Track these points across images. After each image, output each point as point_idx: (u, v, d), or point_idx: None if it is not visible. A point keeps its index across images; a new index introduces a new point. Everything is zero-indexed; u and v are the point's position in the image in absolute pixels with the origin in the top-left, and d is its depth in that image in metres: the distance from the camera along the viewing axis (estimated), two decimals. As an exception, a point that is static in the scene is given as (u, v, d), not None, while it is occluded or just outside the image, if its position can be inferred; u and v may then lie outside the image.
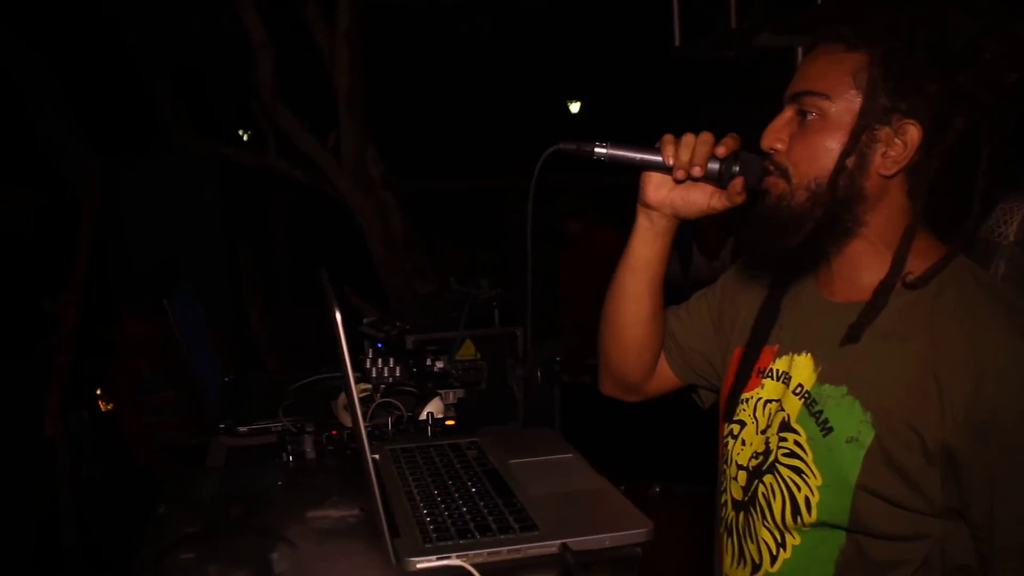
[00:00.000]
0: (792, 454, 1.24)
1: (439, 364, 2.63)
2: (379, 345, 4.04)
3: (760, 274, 1.42)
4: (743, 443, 1.34)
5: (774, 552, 1.26)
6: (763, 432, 1.30)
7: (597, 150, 1.32)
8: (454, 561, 1.12)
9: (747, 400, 1.35)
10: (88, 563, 3.87)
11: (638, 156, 1.32)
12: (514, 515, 1.24)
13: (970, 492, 1.12)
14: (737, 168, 1.28)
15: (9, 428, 3.85)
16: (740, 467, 1.33)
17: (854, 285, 1.24)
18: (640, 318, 1.46)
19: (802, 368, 1.26)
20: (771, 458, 1.27)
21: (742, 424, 1.35)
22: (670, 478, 4.62)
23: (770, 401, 1.31)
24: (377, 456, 1.53)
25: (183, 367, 2.36)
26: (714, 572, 1.45)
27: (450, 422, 1.98)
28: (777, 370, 1.31)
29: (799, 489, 1.22)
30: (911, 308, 1.18)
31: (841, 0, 1.23)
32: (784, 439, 1.25)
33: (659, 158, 1.31)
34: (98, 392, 4.12)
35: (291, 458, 1.76)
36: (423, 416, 2.02)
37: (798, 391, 1.25)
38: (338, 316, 1.08)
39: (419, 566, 1.12)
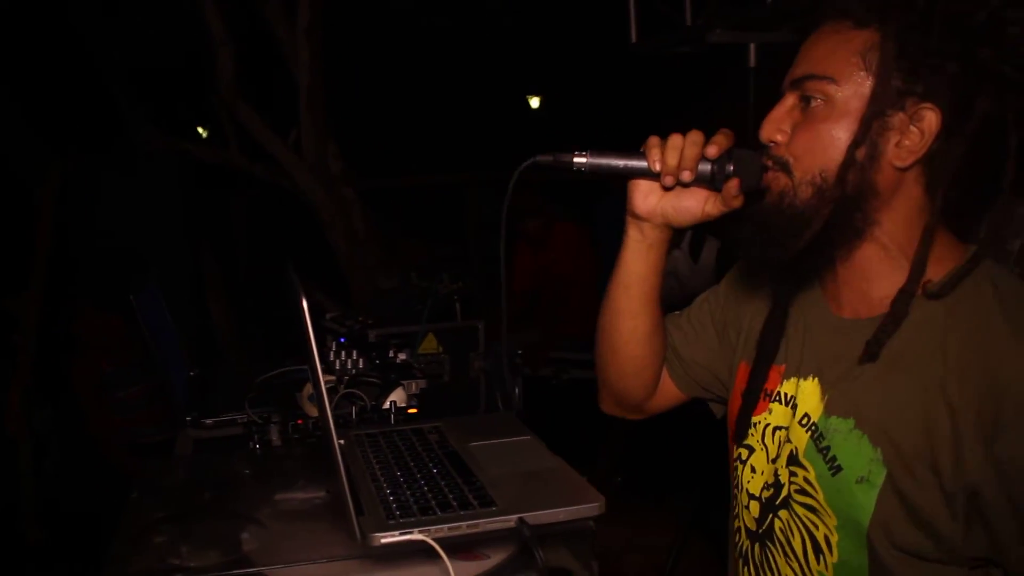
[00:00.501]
0: (803, 491, 1.14)
1: (402, 356, 2.68)
2: (341, 340, 4.09)
3: (762, 282, 1.31)
4: (752, 470, 1.26)
5: None
6: (773, 462, 1.21)
7: (576, 160, 1.19)
8: (416, 536, 1.18)
9: (756, 424, 1.26)
10: (54, 560, 3.87)
11: (622, 163, 1.20)
12: (473, 493, 1.31)
13: (1005, 535, 1.00)
14: (732, 168, 1.15)
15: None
16: (752, 496, 1.25)
17: (864, 298, 1.13)
18: (637, 335, 1.34)
19: (808, 396, 1.16)
20: (783, 493, 1.18)
21: (751, 450, 1.26)
22: (631, 468, 4.73)
23: (779, 428, 1.21)
24: (343, 441, 1.59)
25: (148, 362, 2.39)
26: None
27: (412, 410, 2.04)
28: (784, 394, 1.21)
29: (817, 528, 1.13)
30: (924, 325, 1.06)
31: None
32: (794, 474, 1.16)
33: (645, 164, 1.18)
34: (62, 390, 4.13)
35: (258, 446, 1.82)
36: (386, 405, 2.09)
37: (804, 422, 1.15)
38: (305, 305, 1.14)
39: (383, 541, 1.18)
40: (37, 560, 3.90)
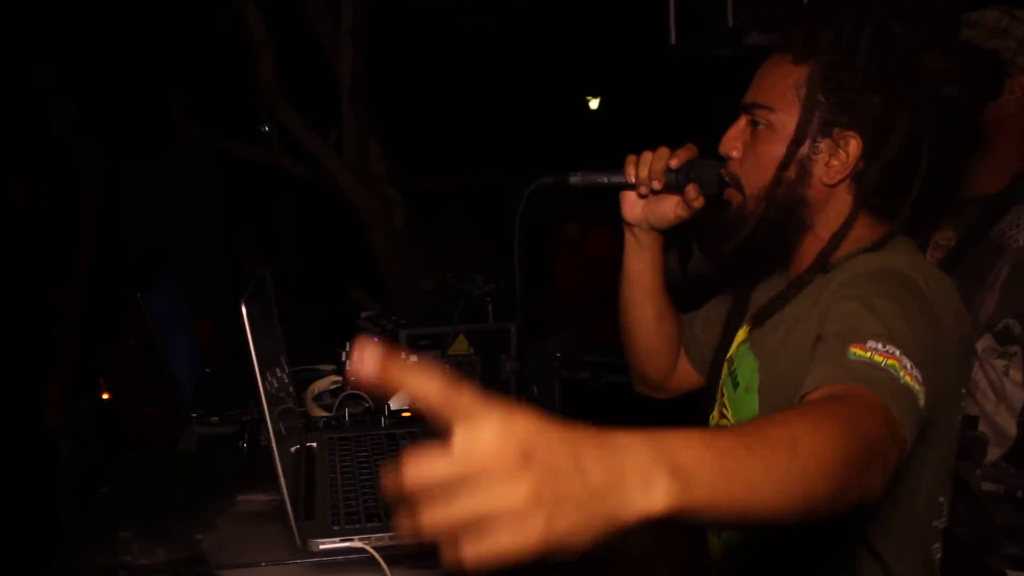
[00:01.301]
0: (724, 416, 1.35)
1: (412, 357, 2.67)
2: (375, 340, 4.11)
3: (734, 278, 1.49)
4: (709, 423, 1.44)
5: None
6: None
7: (572, 179, 1.41)
8: (356, 543, 1.17)
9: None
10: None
11: (606, 179, 1.41)
12: (426, 501, 1.29)
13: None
14: (690, 176, 1.34)
15: (12, 418, 3.94)
16: None
17: (802, 264, 1.29)
18: (646, 322, 1.54)
19: (738, 339, 1.38)
20: (716, 424, 1.38)
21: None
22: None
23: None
24: (315, 444, 1.59)
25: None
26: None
27: (407, 413, 2.03)
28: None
29: None
30: (814, 291, 1.23)
31: (792, 13, 1.25)
32: (722, 405, 1.38)
33: (623, 178, 1.39)
34: (100, 382, 4.22)
35: (245, 445, 1.82)
36: (393, 407, 2.08)
37: (729, 358, 1.37)
38: (244, 311, 1.14)
39: (321, 547, 1.18)
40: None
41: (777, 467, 0.72)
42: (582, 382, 5.10)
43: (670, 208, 1.42)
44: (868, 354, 0.99)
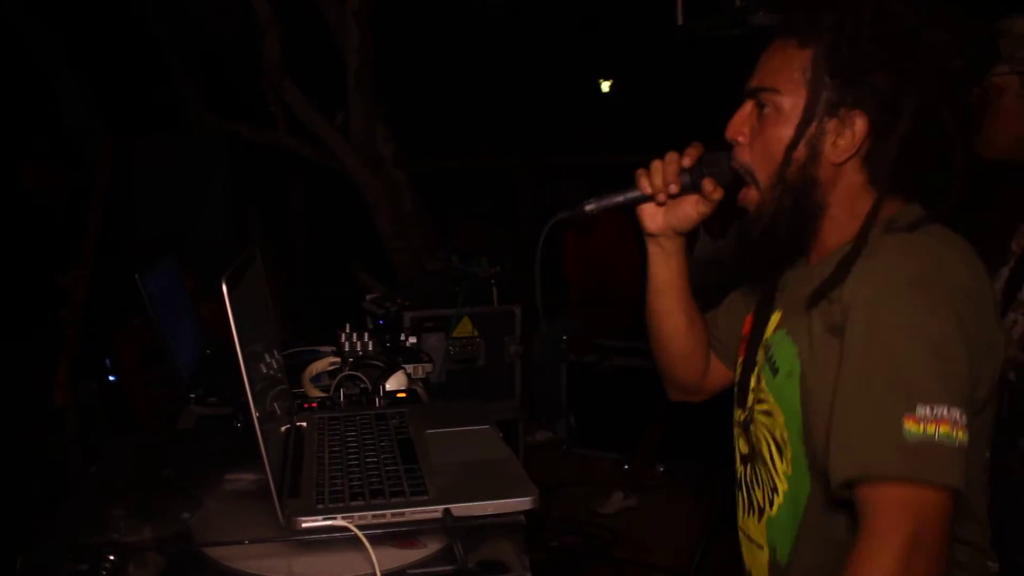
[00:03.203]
0: (760, 400, 1.34)
1: (412, 340, 2.68)
2: (380, 322, 4.12)
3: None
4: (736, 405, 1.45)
5: (771, 496, 1.34)
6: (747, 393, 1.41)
7: (587, 208, 1.44)
8: (339, 522, 1.18)
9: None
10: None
11: (622, 197, 1.44)
12: (410, 481, 1.29)
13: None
14: (704, 171, 1.37)
15: (20, 398, 3.98)
16: (736, 424, 1.44)
17: (824, 247, 1.30)
18: (678, 331, 1.55)
19: (772, 324, 1.36)
20: (749, 409, 1.38)
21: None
22: (673, 457, 4.69)
23: (755, 365, 1.39)
24: (304, 424, 1.59)
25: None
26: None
27: (401, 395, 2.03)
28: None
29: (774, 429, 1.30)
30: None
31: None
32: (757, 389, 1.36)
33: (638, 192, 1.42)
34: (107, 363, 4.25)
35: (240, 424, 1.83)
36: (389, 389, 2.08)
37: (764, 344, 1.36)
38: (225, 288, 1.14)
39: (304, 525, 1.18)
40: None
41: None
42: (589, 365, 5.12)
43: (691, 208, 1.44)
44: (920, 428, 1.06)
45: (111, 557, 1.17)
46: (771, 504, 1.34)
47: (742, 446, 1.43)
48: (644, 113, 8.89)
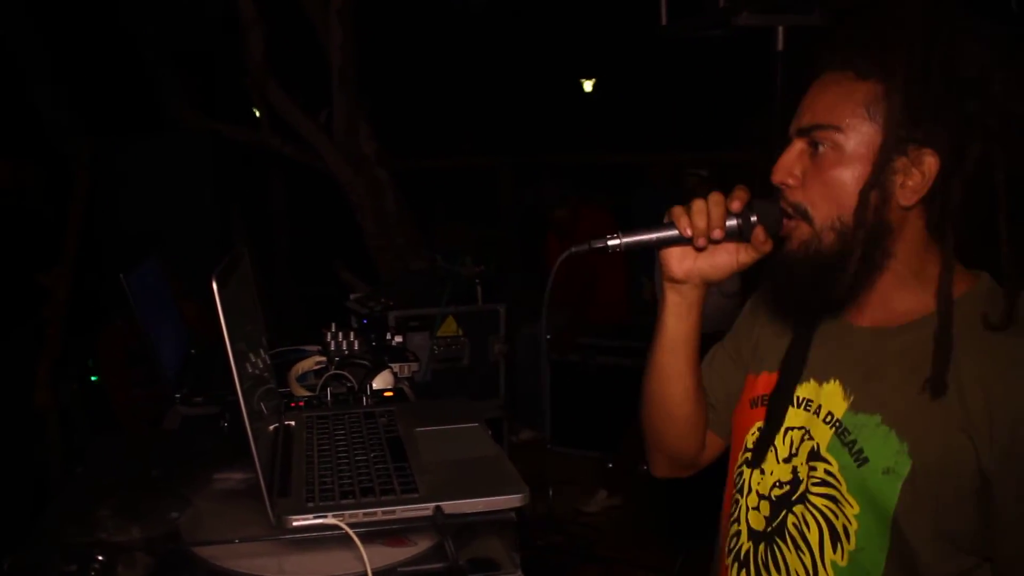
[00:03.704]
0: (824, 483, 1.20)
1: (398, 339, 2.68)
2: (364, 321, 4.11)
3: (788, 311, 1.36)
4: (762, 472, 1.31)
5: None
6: (787, 460, 1.27)
7: (611, 243, 1.27)
8: (330, 520, 1.18)
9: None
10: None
11: (654, 236, 1.27)
12: (400, 479, 1.29)
13: (998, 519, 1.09)
14: (755, 218, 1.24)
15: (0, 400, 3.94)
16: (762, 497, 1.30)
17: (885, 311, 1.21)
18: (688, 395, 1.39)
19: (831, 396, 1.23)
20: (801, 488, 1.24)
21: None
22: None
23: (793, 429, 1.27)
24: (292, 423, 1.59)
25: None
26: None
27: (388, 393, 2.03)
28: (799, 397, 1.28)
29: (836, 518, 1.19)
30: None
31: (852, 28, 1.19)
32: (814, 468, 1.22)
33: (675, 232, 1.26)
34: (88, 363, 4.22)
35: (225, 424, 1.83)
36: (375, 388, 2.08)
37: (828, 420, 1.22)
38: (215, 287, 1.14)
39: (295, 523, 1.18)
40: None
41: None
42: (572, 364, 5.13)
43: (730, 256, 1.30)
44: None
45: (100, 557, 1.16)
46: None
47: (755, 521, 1.31)
48: (627, 113, 8.92)
